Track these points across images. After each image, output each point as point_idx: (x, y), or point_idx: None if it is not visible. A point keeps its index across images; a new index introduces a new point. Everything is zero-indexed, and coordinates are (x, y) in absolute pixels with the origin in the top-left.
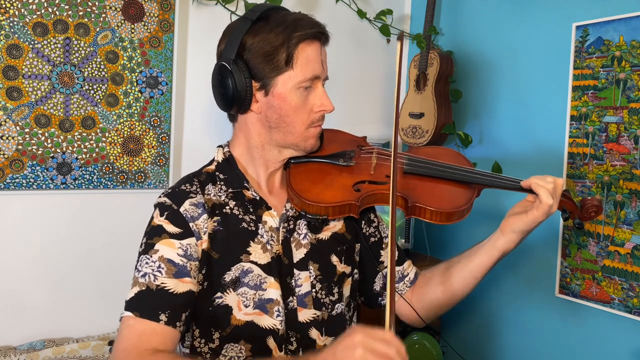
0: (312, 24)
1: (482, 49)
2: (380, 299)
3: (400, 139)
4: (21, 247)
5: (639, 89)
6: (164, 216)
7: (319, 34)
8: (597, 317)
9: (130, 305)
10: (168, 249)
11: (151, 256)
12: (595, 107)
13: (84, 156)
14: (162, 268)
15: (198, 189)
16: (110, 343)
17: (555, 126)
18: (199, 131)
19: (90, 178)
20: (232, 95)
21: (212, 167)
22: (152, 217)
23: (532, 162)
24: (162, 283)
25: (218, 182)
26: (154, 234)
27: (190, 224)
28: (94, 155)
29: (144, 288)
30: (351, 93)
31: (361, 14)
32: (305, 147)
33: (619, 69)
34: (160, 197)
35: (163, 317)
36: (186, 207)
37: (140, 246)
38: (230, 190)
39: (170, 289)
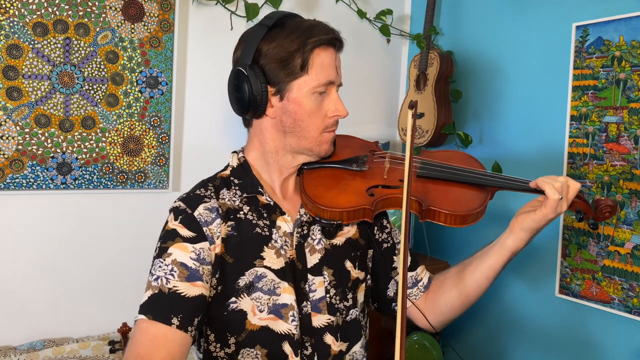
0: (327, 30)
1: (482, 49)
2: (393, 304)
3: (400, 138)
4: (21, 247)
5: (639, 89)
6: (178, 220)
7: (334, 40)
8: (597, 317)
9: (144, 308)
10: (181, 252)
11: (164, 260)
12: (595, 107)
13: (84, 156)
14: (175, 271)
15: (212, 194)
16: (110, 343)
17: (555, 126)
18: (199, 131)
19: (90, 178)
20: (248, 100)
21: (227, 172)
22: (167, 222)
23: (532, 162)
24: (174, 286)
25: (232, 187)
26: (167, 238)
27: (204, 229)
28: (94, 155)
29: (156, 291)
30: (351, 93)
31: (361, 14)
32: (319, 152)
33: (619, 69)
34: (175, 201)
35: (175, 320)
36: (200, 212)
37: (155, 250)
38: (244, 195)
39: (182, 292)
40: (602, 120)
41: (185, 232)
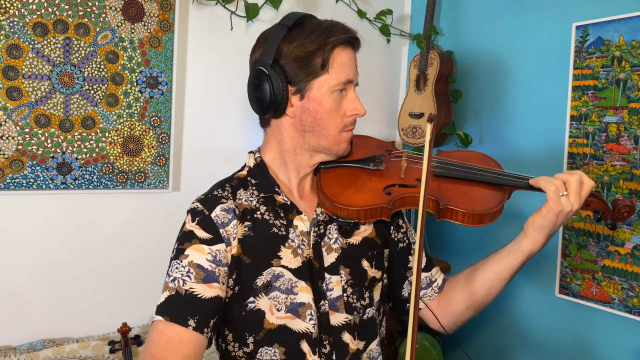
0: (346, 30)
1: (482, 49)
2: (408, 304)
3: (400, 138)
4: (21, 247)
5: (639, 89)
6: (195, 222)
7: (353, 40)
8: (597, 317)
9: (161, 309)
10: (198, 254)
11: (181, 261)
12: (595, 107)
13: (84, 156)
14: (191, 273)
15: (229, 194)
16: (110, 343)
17: (555, 126)
18: (199, 131)
19: (90, 178)
20: (269, 100)
21: (244, 172)
22: (184, 223)
23: (532, 162)
24: (190, 288)
25: (250, 187)
26: (184, 239)
27: (221, 230)
28: (94, 155)
29: (173, 293)
30: None
31: (361, 14)
32: (338, 151)
33: (619, 69)
34: (193, 202)
35: (192, 322)
36: (217, 213)
37: (172, 252)
38: (261, 195)
39: (198, 294)
40: (602, 120)
41: (202, 233)
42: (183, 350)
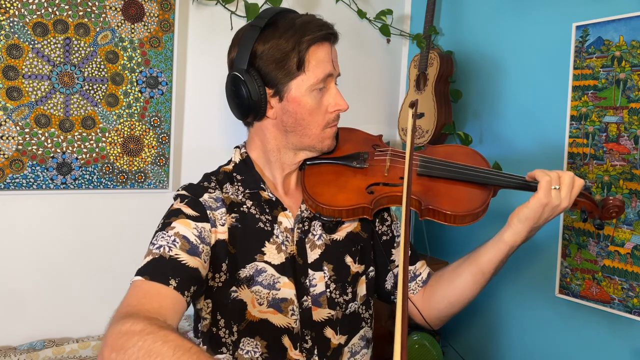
0: (320, 25)
1: (482, 49)
2: (392, 297)
3: (400, 138)
4: (21, 247)
5: (639, 89)
6: (184, 202)
7: (329, 35)
8: (597, 317)
9: (141, 271)
10: (184, 227)
11: (167, 232)
12: (595, 107)
13: (84, 156)
14: (177, 242)
15: (216, 186)
16: None
17: (555, 126)
18: (199, 131)
19: (90, 178)
20: (248, 105)
21: (230, 167)
22: (172, 205)
23: (532, 162)
24: (175, 254)
25: (235, 183)
26: (171, 215)
27: (208, 212)
28: (94, 155)
29: (157, 256)
30: (350, 93)
31: (361, 14)
32: (322, 148)
33: (619, 69)
34: (179, 190)
35: (173, 282)
36: (205, 198)
37: (157, 226)
38: (247, 190)
39: (182, 260)
40: (602, 120)
41: (189, 211)
42: (161, 302)
